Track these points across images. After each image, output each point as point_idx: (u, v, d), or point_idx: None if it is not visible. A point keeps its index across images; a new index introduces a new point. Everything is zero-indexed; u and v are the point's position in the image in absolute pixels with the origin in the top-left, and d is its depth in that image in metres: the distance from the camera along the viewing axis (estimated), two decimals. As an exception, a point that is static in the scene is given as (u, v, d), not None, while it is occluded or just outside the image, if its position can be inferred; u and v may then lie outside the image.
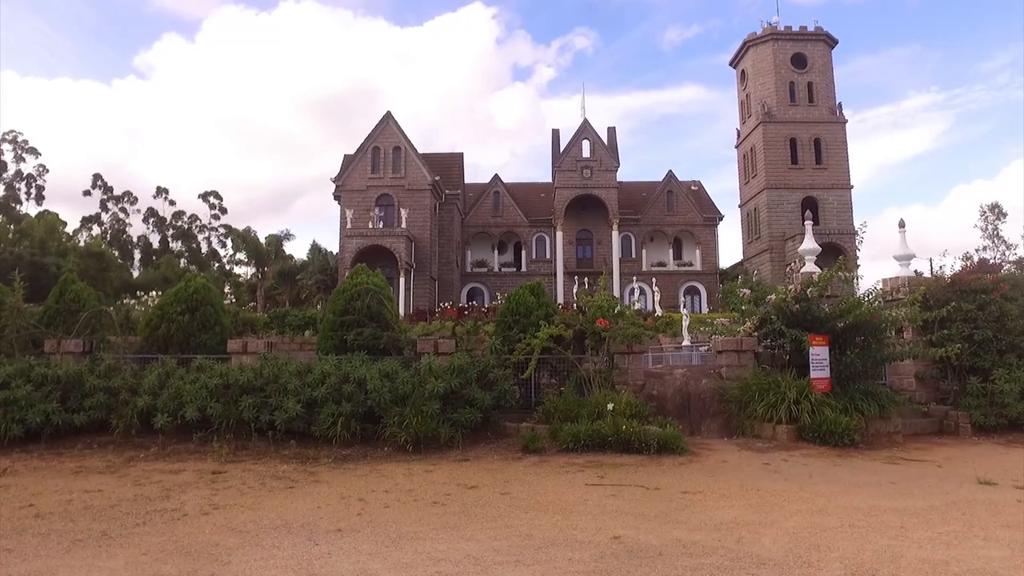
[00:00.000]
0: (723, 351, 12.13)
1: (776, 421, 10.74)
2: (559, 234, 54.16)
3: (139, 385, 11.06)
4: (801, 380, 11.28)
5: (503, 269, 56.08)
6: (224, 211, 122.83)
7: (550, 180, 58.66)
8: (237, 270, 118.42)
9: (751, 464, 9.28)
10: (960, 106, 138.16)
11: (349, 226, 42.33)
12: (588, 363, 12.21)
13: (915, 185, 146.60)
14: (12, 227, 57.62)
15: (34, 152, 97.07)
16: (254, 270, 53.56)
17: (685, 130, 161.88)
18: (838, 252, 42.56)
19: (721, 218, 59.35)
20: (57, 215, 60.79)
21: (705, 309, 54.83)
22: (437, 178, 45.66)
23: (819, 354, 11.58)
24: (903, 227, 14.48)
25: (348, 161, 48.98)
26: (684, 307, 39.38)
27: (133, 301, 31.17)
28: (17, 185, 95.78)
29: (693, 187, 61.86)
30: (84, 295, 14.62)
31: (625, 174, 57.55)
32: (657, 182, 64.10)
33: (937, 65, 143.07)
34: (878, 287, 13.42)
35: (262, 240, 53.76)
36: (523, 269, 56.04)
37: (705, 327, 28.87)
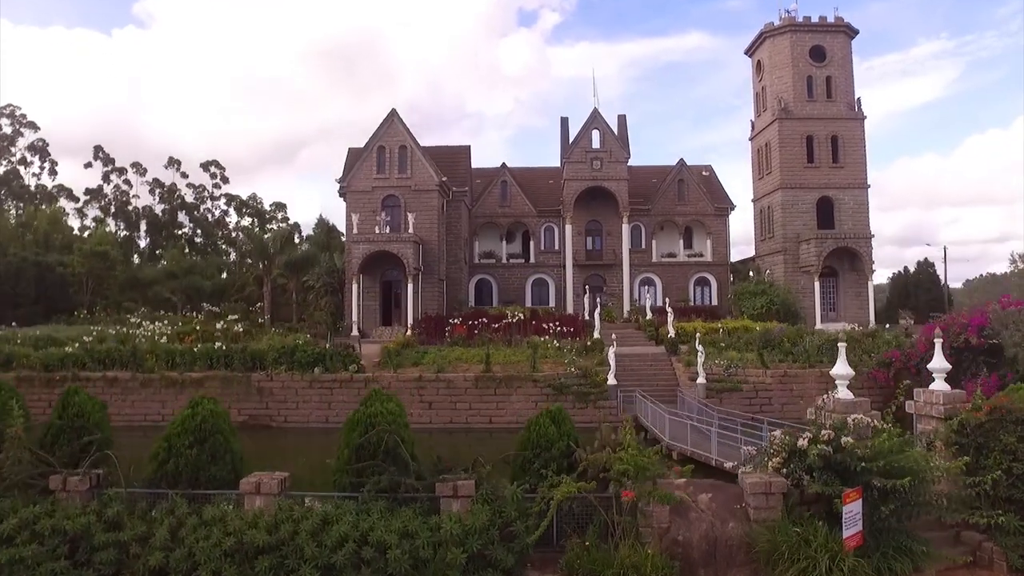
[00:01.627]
0: (753, 493, 11.67)
1: (807, 587, 10.37)
2: (568, 227, 53.26)
3: (150, 534, 10.72)
4: (832, 537, 10.85)
5: (511, 260, 55.48)
6: (226, 180, 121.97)
7: (558, 164, 57.62)
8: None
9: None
10: (971, 53, 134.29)
11: (355, 231, 41.65)
12: (611, 508, 11.79)
13: (927, 134, 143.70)
14: (14, 218, 56.95)
15: (33, 126, 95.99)
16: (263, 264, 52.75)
17: (691, 78, 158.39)
18: (853, 256, 41.85)
19: (732, 208, 58.29)
20: (62, 208, 59.94)
21: (715, 301, 54.38)
22: (444, 179, 44.72)
23: (852, 511, 11.12)
24: (939, 337, 13.89)
25: (352, 160, 47.97)
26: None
27: (139, 330, 30.75)
28: (30, 158, 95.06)
29: (704, 172, 60.72)
30: (88, 408, 14.21)
31: (631, 124, 55.73)
32: (667, 166, 62.86)
33: (947, 11, 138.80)
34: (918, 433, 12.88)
35: (269, 233, 52.78)
36: (531, 260, 55.50)
37: (720, 360, 28.46)
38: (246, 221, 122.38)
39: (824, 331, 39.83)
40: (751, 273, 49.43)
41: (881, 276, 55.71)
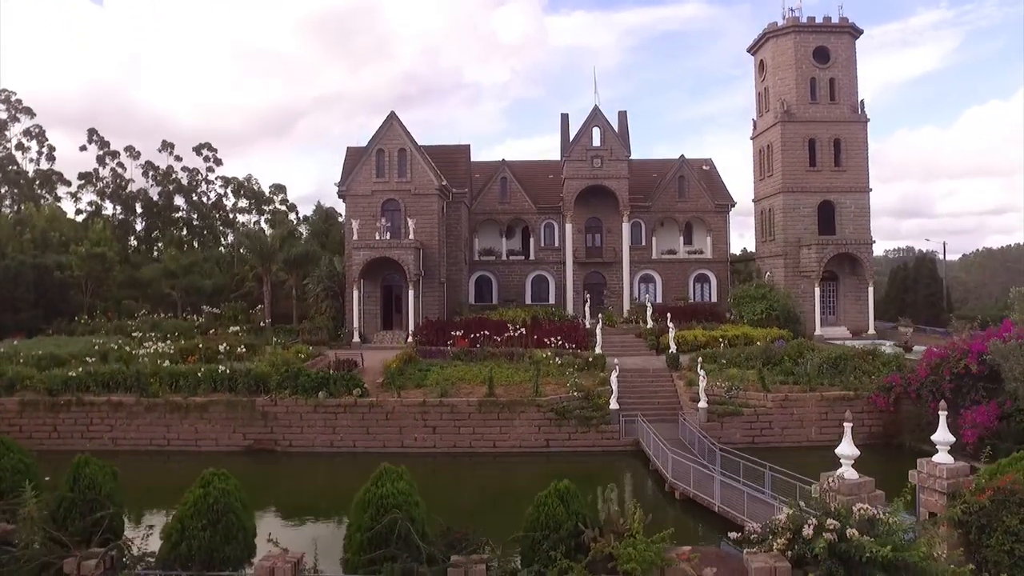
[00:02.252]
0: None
1: None
2: (568, 225, 53.12)
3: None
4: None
5: (511, 257, 55.41)
6: (219, 162, 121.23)
7: (556, 153, 57.32)
8: (240, 218, 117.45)
9: None
10: (970, 23, 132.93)
11: (355, 237, 41.48)
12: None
13: (926, 106, 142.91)
14: (12, 215, 56.57)
15: (28, 112, 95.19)
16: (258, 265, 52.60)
17: (688, 47, 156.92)
18: (854, 261, 41.87)
19: (733, 204, 58.15)
20: (59, 205, 59.51)
21: (715, 298, 54.49)
22: (444, 182, 44.48)
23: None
24: (944, 410, 14.02)
25: (351, 160, 47.64)
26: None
27: (141, 350, 30.74)
28: (26, 143, 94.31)
29: (704, 167, 60.43)
30: (99, 479, 14.33)
31: (626, 96, 55.75)
32: (668, 160, 62.55)
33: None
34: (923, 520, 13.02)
35: (269, 232, 52.51)
36: (531, 257, 55.45)
37: (721, 380, 28.58)
38: (243, 203, 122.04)
39: (823, 342, 40.06)
40: (752, 275, 49.47)
41: (878, 248, 54.89)
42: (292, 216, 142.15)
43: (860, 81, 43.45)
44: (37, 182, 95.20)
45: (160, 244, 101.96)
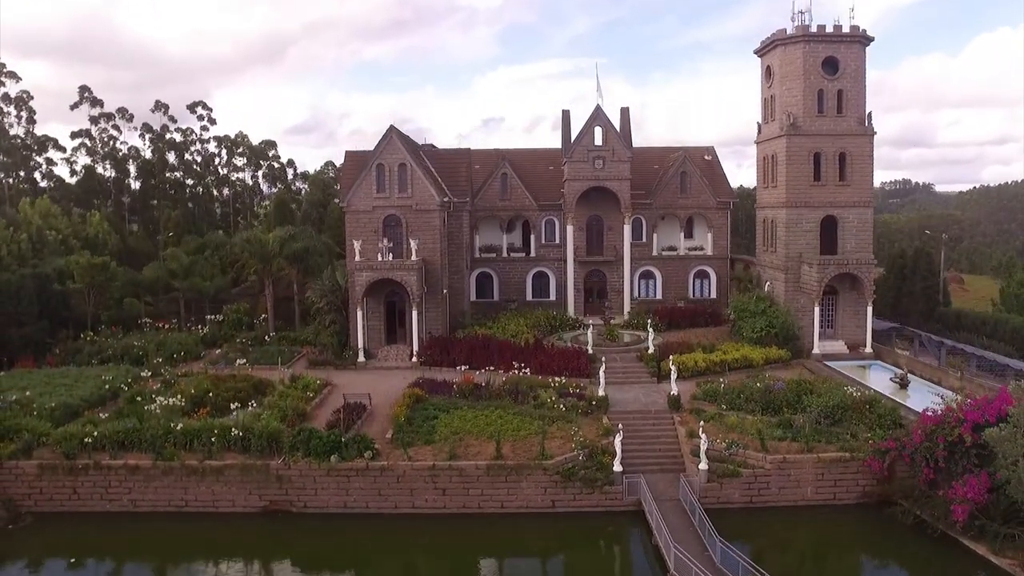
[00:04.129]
0: None
1: None
2: (570, 226, 53.00)
3: None
4: None
5: (512, 254, 55.60)
6: (213, 121, 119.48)
7: (555, 141, 56.46)
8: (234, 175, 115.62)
9: None
10: None
11: (358, 258, 41.43)
12: None
13: (932, 33, 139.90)
14: (4, 215, 55.90)
15: (14, 76, 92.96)
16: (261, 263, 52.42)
17: None
18: (854, 278, 42.21)
19: (735, 201, 57.94)
20: (48, 200, 58.69)
21: (714, 294, 55.00)
22: (446, 198, 44.15)
23: None
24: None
25: (351, 167, 47.12)
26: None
27: (153, 405, 31.19)
28: (5, 108, 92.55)
29: (707, 157, 59.98)
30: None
31: (619, 21, 54.69)
32: (669, 148, 61.79)
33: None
34: None
35: (269, 238, 52.09)
36: (532, 254, 55.67)
37: (720, 435, 29.27)
38: (239, 161, 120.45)
39: (820, 361, 40.77)
40: (752, 281, 49.73)
41: (875, 180, 53.46)
42: (289, 171, 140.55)
43: (866, 5, 42.53)
44: (29, 141, 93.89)
45: (156, 210, 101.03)
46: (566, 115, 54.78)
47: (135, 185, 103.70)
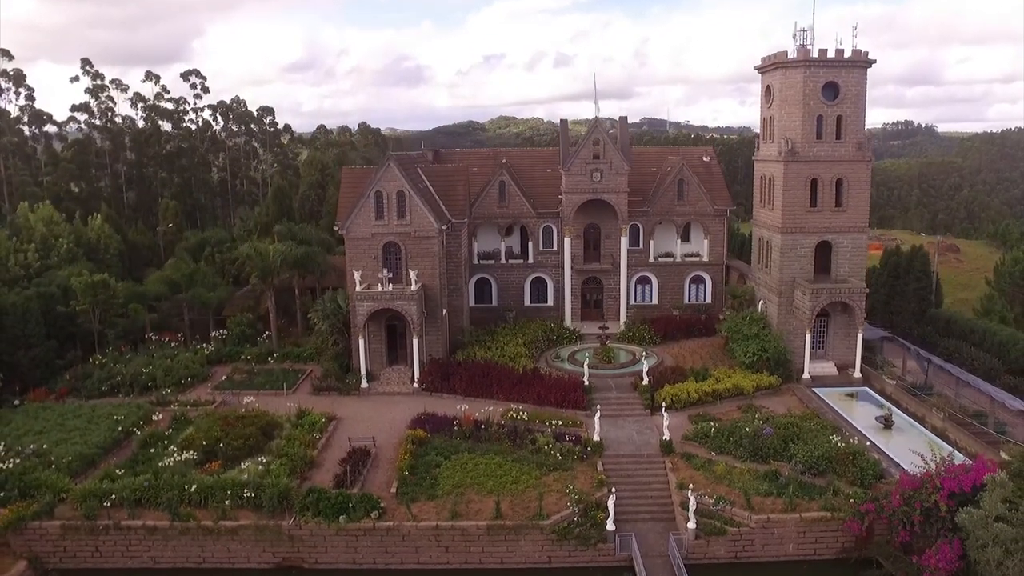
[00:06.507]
0: None
1: None
2: (568, 239, 53.51)
3: None
4: None
5: (510, 261, 56.28)
6: (207, 90, 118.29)
7: (557, 145, 56.23)
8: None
9: None
10: None
11: (359, 288, 42.13)
12: None
13: None
14: (8, 226, 56.11)
15: (7, 54, 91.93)
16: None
17: None
18: (845, 307, 43.06)
19: (733, 208, 58.19)
20: (51, 207, 58.74)
21: (709, 299, 55.94)
22: (445, 226, 44.54)
23: None
24: None
25: (349, 186, 47.48)
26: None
27: (166, 460, 32.45)
28: (5, 84, 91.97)
29: (705, 158, 59.98)
30: None
31: None
32: (667, 148, 61.67)
33: None
34: None
35: (273, 250, 52.45)
36: (530, 260, 56.36)
37: (708, 489, 30.68)
38: (234, 127, 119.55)
39: (810, 387, 42.01)
40: (746, 301, 50.55)
41: (877, 120, 54.05)
42: (286, 137, 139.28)
43: None
44: (26, 120, 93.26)
45: (152, 182, 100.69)
46: (563, 124, 54.49)
47: (131, 156, 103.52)
